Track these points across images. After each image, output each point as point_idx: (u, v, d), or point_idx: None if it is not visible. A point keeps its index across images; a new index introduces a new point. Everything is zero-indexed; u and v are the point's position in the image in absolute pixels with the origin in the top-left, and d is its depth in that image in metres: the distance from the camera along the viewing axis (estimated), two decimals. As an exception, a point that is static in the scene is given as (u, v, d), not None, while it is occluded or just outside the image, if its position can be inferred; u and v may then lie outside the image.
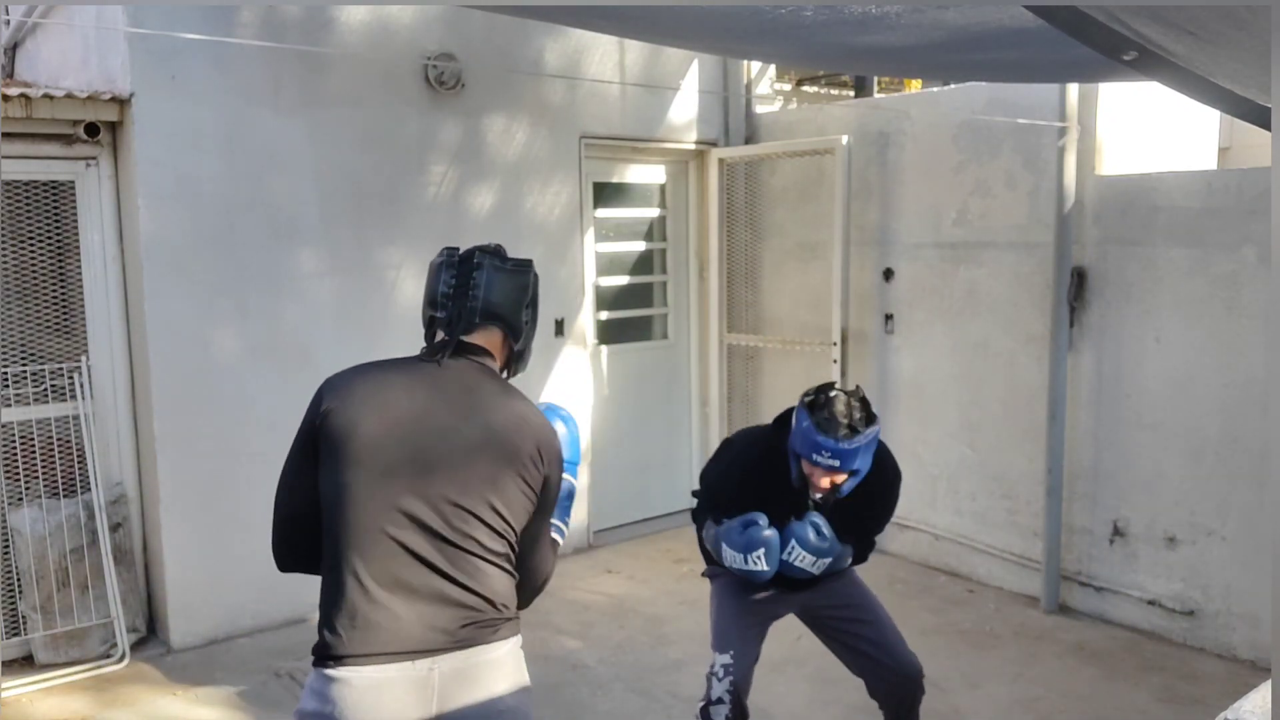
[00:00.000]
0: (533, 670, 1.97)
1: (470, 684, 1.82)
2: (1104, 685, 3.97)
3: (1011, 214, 4.82)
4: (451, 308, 1.96)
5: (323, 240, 4.59)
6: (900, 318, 5.35)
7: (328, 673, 1.77)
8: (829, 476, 2.65)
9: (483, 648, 1.84)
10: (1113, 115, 4.54)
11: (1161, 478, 4.35)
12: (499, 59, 5.03)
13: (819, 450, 2.59)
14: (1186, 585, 4.31)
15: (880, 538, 5.72)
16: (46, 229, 4.16)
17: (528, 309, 2.02)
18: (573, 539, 5.59)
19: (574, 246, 5.45)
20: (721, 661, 2.83)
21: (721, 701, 2.79)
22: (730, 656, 2.83)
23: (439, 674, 1.78)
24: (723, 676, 2.82)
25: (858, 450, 2.60)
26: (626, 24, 3.15)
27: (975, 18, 2.19)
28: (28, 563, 4.07)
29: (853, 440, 2.59)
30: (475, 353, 1.95)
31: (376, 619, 1.77)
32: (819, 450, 2.59)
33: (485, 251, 1.98)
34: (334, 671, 1.76)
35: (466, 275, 1.96)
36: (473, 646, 1.82)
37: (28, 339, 4.13)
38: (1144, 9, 1.40)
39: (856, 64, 4.43)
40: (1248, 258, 4.02)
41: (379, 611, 1.77)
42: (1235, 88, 1.78)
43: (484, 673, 1.84)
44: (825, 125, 5.68)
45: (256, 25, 4.33)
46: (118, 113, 4.09)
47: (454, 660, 1.80)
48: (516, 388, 2.00)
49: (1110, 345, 4.49)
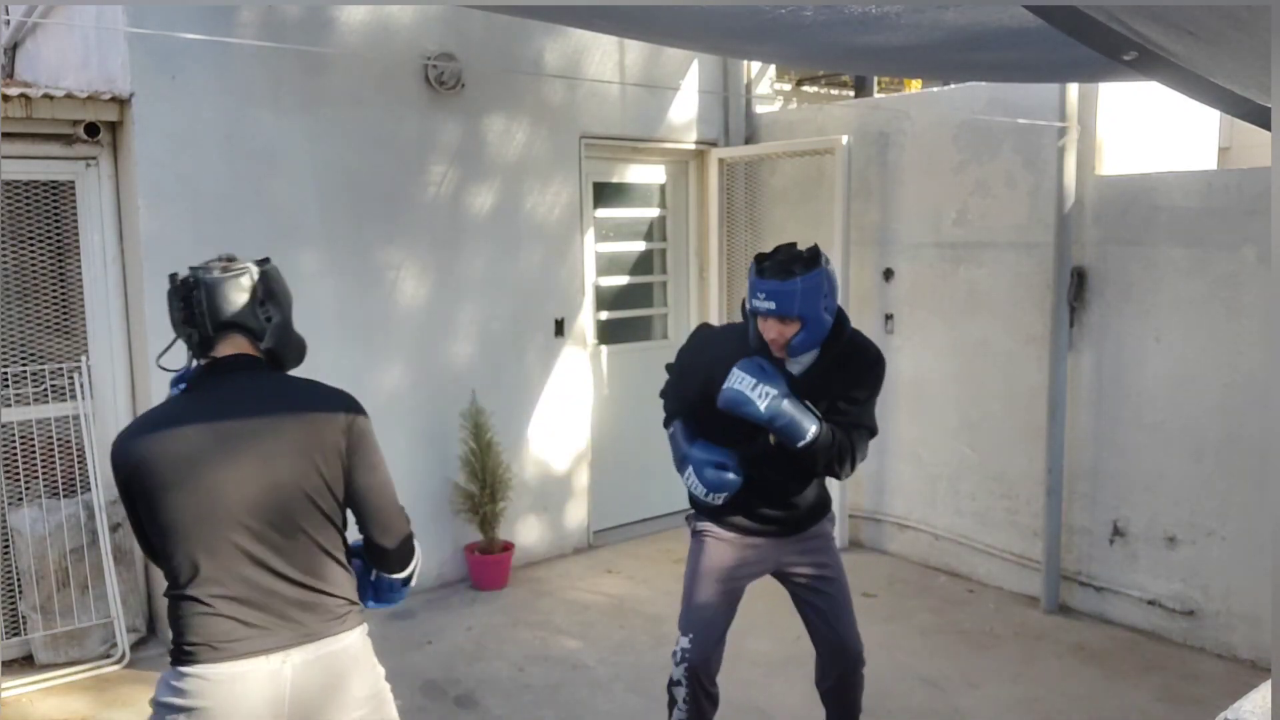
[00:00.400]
0: (533, 670, 1.97)
1: (322, 673, 1.97)
2: (1104, 685, 3.97)
3: (1011, 214, 4.82)
4: (192, 333, 2.04)
5: (323, 240, 4.59)
6: (900, 318, 5.35)
7: (183, 670, 1.90)
8: (777, 327, 2.62)
9: (330, 639, 1.99)
10: (1113, 115, 4.54)
11: (1161, 478, 4.35)
12: (499, 59, 5.03)
13: (756, 294, 2.61)
14: (1186, 585, 4.31)
15: (880, 537, 5.71)
16: (46, 229, 4.16)
17: (263, 307, 2.06)
18: (572, 539, 5.60)
19: (574, 246, 5.45)
20: (681, 645, 2.85)
21: (680, 683, 2.84)
22: (689, 640, 2.83)
23: (290, 666, 1.93)
24: (679, 660, 2.84)
25: (794, 291, 2.57)
26: (626, 24, 3.15)
27: (975, 18, 2.19)
28: (28, 563, 4.07)
29: (787, 281, 2.57)
30: (236, 363, 2.04)
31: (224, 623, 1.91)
32: (756, 294, 2.61)
33: (202, 269, 2.05)
34: (190, 669, 1.89)
35: (188, 298, 2.03)
36: (321, 639, 1.97)
37: (28, 339, 4.14)
38: (1144, 9, 1.40)
39: (856, 64, 4.43)
40: (1248, 258, 4.02)
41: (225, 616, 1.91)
42: (1235, 88, 1.78)
43: (335, 662, 1.99)
44: (825, 125, 5.68)
45: (256, 25, 4.33)
46: (118, 113, 4.09)
47: (304, 653, 1.95)
48: (295, 376, 2.11)
49: (1110, 345, 4.49)
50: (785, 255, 2.64)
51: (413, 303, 4.90)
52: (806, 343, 2.66)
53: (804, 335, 2.64)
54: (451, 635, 4.48)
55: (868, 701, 3.12)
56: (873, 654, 4.22)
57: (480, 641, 4.42)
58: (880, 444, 5.52)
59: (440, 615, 4.71)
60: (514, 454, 5.22)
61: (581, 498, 5.62)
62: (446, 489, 5.01)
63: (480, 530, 5.04)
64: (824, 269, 2.63)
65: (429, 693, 3.94)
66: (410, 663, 4.19)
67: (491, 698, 3.89)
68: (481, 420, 4.99)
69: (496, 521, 5.04)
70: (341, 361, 4.64)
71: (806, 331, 2.64)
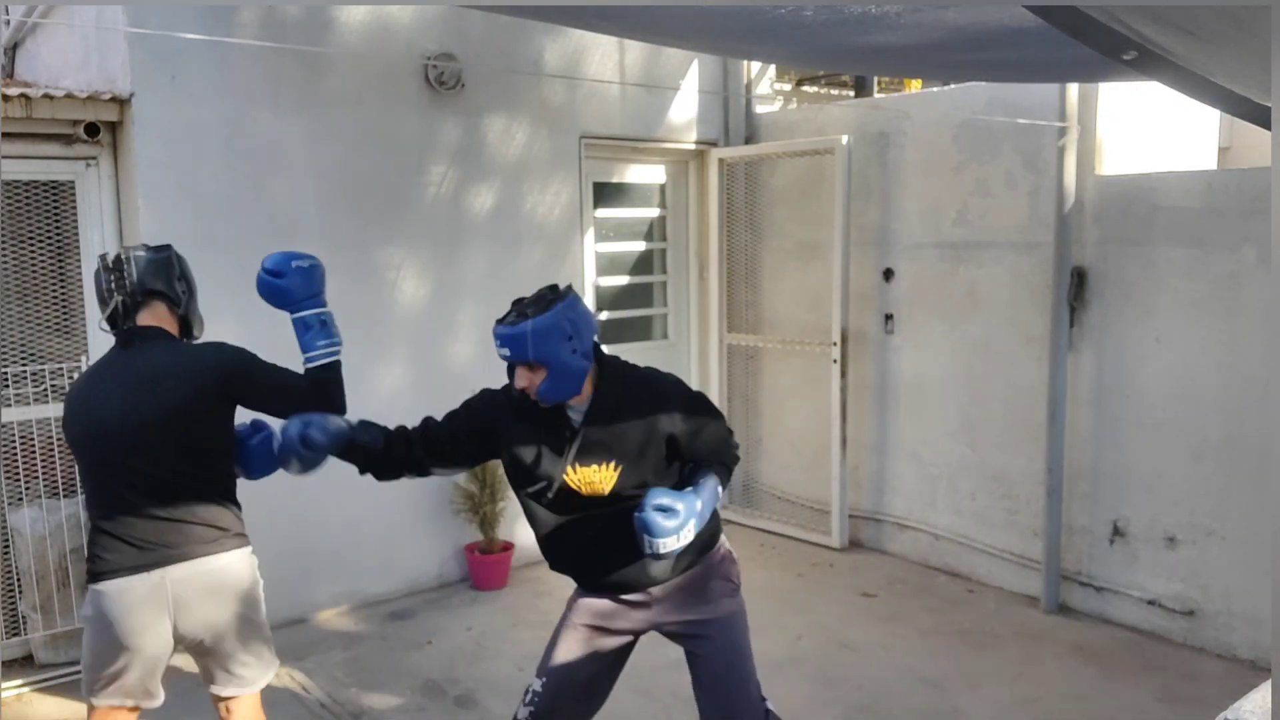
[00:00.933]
0: (533, 670, 1.97)
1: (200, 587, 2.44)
2: (1104, 685, 3.97)
3: (1011, 214, 4.82)
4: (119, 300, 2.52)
5: (323, 240, 4.59)
6: (900, 318, 5.35)
7: (93, 587, 2.42)
8: (525, 374, 2.43)
9: (205, 559, 2.44)
10: (1113, 115, 4.54)
11: (1161, 478, 4.35)
12: (499, 59, 5.03)
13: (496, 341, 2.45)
14: (1186, 585, 4.31)
15: (880, 537, 5.71)
16: (46, 229, 4.16)
17: (180, 281, 2.60)
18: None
19: (574, 246, 5.45)
20: (533, 687, 2.65)
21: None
22: (541, 685, 2.63)
23: (170, 581, 2.41)
24: (527, 701, 2.63)
25: (524, 335, 2.37)
26: (626, 24, 3.15)
27: (975, 17, 2.19)
28: (28, 563, 4.06)
29: (517, 325, 2.39)
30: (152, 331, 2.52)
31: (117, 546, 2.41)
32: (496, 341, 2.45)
33: (132, 248, 2.59)
34: (96, 586, 2.42)
35: (120, 271, 2.52)
36: (195, 559, 2.43)
37: (28, 339, 4.13)
38: (1144, 9, 1.40)
39: (856, 64, 4.43)
40: (1248, 258, 4.02)
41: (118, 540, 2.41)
42: (1235, 87, 1.78)
43: (209, 579, 2.45)
44: (825, 125, 5.68)
45: (256, 25, 4.33)
46: (118, 113, 4.09)
47: (181, 570, 2.41)
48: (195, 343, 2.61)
49: (1110, 345, 4.49)
50: (528, 299, 2.46)
51: (413, 302, 4.90)
52: (555, 389, 2.44)
53: (549, 382, 2.42)
54: (451, 635, 4.48)
55: (867, 702, 3.11)
56: (873, 654, 4.24)
57: (480, 641, 4.42)
58: (880, 444, 5.52)
59: (440, 615, 4.71)
60: (514, 454, 5.21)
61: (581, 498, 5.61)
62: (446, 489, 5.01)
63: (480, 530, 5.04)
64: (560, 309, 2.42)
65: (429, 693, 3.94)
66: (410, 663, 4.19)
67: (491, 698, 3.88)
68: (481, 420, 4.98)
69: (496, 521, 5.04)
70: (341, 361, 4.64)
71: (552, 378, 2.42)
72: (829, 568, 5.33)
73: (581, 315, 2.47)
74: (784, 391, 5.92)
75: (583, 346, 2.45)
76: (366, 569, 4.83)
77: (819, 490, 5.71)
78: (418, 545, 5.00)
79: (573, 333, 2.43)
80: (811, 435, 5.73)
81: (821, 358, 5.55)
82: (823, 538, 5.63)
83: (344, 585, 4.77)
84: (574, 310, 2.46)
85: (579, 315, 2.46)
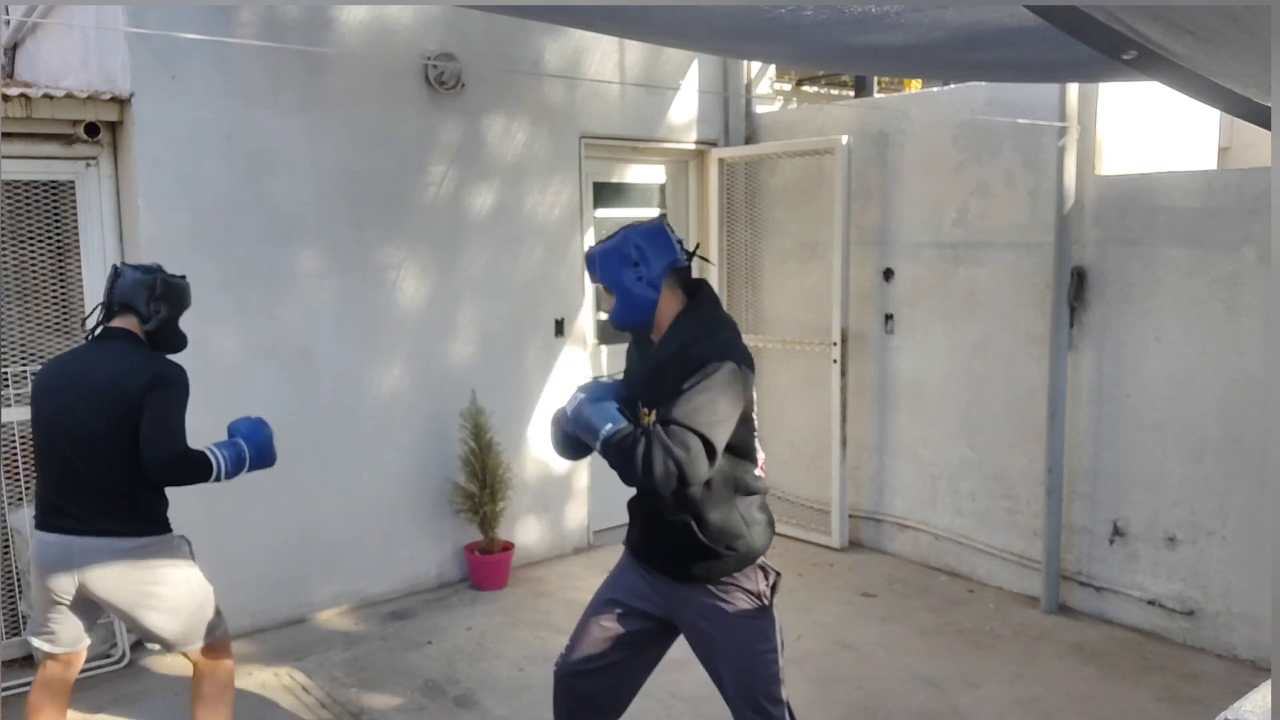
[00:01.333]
0: (533, 670, 1.97)
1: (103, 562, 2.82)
2: (1104, 685, 3.97)
3: (1011, 214, 4.82)
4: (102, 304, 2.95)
5: (323, 240, 4.59)
6: (900, 318, 5.35)
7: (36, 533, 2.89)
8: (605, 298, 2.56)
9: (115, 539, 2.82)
10: (1113, 115, 4.54)
11: (1161, 478, 4.35)
12: (499, 59, 5.04)
13: None
14: (1186, 585, 4.31)
15: (880, 537, 5.71)
16: (46, 229, 4.16)
17: (155, 302, 2.93)
18: (572, 539, 5.60)
19: (574, 246, 5.45)
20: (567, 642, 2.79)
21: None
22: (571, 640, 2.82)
23: (80, 547, 2.82)
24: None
25: (593, 257, 2.50)
26: (626, 24, 3.15)
27: (975, 17, 2.19)
28: (28, 562, 4.06)
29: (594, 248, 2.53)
30: (119, 333, 2.90)
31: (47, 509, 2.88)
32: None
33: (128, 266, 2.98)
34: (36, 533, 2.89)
35: (112, 282, 2.95)
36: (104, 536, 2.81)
37: (28, 339, 4.13)
38: (1144, 8, 1.40)
39: (856, 64, 4.43)
40: (1248, 258, 4.02)
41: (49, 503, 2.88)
42: (1235, 87, 1.78)
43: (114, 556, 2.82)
44: (825, 125, 5.68)
45: (256, 25, 4.33)
46: (118, 113, 4.09)
47: (89, 543, 2.81)
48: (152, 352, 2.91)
49: (1110, 345, 4.49)
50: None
51: (413, 302, 4.90)
52: (621, 314, 2.48)
53: (617, 306, 2.48)
54: (451, 635, 4.48)
55: (867, 702, 3.11)
56: (873, 654, 4.24)
57: (480, 641, 4.42)
58: (880, 444, 5.52)
59: (440, 615, 4.71)
60: (514, 454, 5.22)
61: (581, 498, 5.62)
62: (446, 489, 5.01)
63: (480, 530, 5.04)
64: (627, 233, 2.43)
65: (429, 693, 3.94)
66: (410, 663, 4.19)
67: (491, 698, 3.88)
68: (481, 420, 4.99)
69: (496, 521, 5.04)
70: (341, 361, 4.64)
71: (619, 302, 2.46)
72: (829, 568, 5.34)
73: (655, 244, 2.45)
74: (784, 391, 5.92)
75: (649, 274, 2.43)
76: (366, 569, 4.83)
77: (819, 490, 5.71)
78: (418, 545, 5.00)
79: (638, 259, 2.43)
80: (811, 435, 5.73)
81: (821, 358, 5.56)
82: (823, 538, 5.63)
83: (344, 585, 4.77)
84: (645, 238, 2.45)
85: (650, 244, 2.45)
